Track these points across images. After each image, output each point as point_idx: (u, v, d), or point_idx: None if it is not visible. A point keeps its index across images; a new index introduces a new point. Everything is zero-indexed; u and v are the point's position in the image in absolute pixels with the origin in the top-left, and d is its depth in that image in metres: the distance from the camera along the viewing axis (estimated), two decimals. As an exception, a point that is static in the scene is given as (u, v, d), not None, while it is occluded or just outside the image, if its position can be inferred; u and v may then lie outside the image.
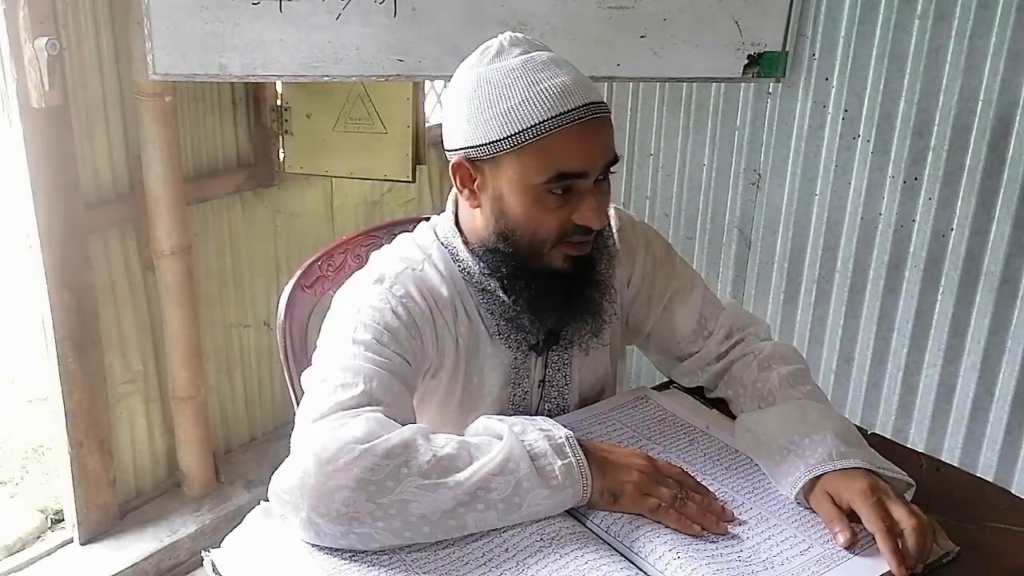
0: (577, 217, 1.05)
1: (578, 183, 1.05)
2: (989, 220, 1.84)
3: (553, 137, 1.02)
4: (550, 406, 1.21)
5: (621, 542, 0.93)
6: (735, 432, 1.15)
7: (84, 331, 2.06)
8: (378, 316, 1.05)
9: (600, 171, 1.05)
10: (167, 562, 2.21)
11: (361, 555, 0.90)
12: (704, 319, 1.25)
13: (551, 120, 1.01)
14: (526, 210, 1.06)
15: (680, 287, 1.26)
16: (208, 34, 1.76)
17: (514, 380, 1.17)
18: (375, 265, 1.14)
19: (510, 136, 1.02)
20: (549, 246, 1.08)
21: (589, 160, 1.04)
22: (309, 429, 0.94)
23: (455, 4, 1.75)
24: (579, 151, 1.03)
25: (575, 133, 1.02)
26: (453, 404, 1.16)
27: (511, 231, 1.08)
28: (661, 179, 2.34)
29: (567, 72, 1.04)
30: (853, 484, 0.97)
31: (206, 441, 2.34)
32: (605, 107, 1.06)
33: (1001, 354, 1.88)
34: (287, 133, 2.34)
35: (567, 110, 1.01)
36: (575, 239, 1.08)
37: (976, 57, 1.79)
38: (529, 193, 1.05)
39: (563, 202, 1.05)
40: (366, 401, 0.96)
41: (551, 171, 1.03)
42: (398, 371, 1.03)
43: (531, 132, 1.02)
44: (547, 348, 1.18)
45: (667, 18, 1.77)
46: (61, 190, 1.95)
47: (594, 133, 1.04)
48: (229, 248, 2.42)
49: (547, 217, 1.06)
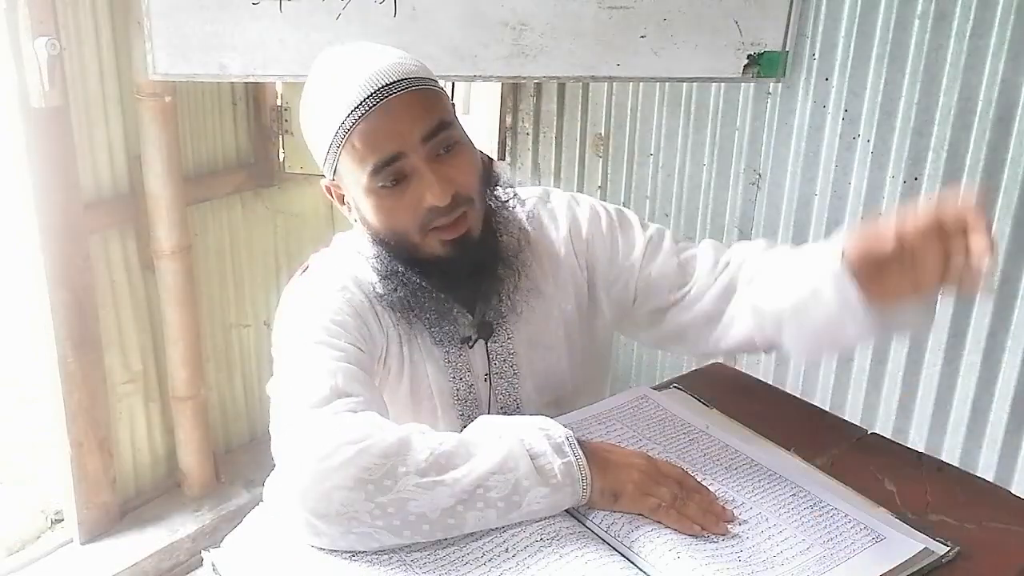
0: (422, 200, 1.04)
1: (405, 166, 1.03)
2: (989, 220, 1.84)
3: (354, 135, 1.03)
4: (502, 399, 1.20)
5: (621, 542, 0.93)
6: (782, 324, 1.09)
7: (84, 331, 2.06)
8: (323, 312, 1.06)
9: (421, 144, 1.03)
10: (167, 562, 2.21)
11: (361, 555, 0.90)
12: (683, 262, 1.21)
13: (346, 119, 1.02)
14: (374, 210, 1.07)
15: (650, 240, 1.22)
16: (208, 34, 1.76)
17: (453, 374, 1.17)
18: (311, 267, 1.17)
19: (328, 149, 1.06)
20: (416, 237, 1.07)
21: (396, 139, 1.02)
22: (292, 433, 0.94)
23: (455, 4, 1.75)
24: (382, 135, 1.02)
25: (372, 122, 1.02)
26: (402, 395, 1.17)
27: (377, 233, 1.09)
28: (661, 179, 2.33)
29: (361, 67, 1.04)
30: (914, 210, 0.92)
31: (206, 441, 2.35)
32: (408, 83, 1.03)
33: (1001, 354, 1.88)
34: (287, 133, 2.34)
35: (357, 103, 1.02)
36: (438, 223, 1.06)
37: (976, 57, 1.79)
38: (369, 194, 1.05)
39: (403, 191, 1.04)
40: (335, 395, 0.96)
41: (368, 165, 1.03)
42: (356, 360, 1.03)
43: (337, 139, 1.04)
44: (484, 340, 1.17)
45: (667, 18, 1.77)
46: (61, 190, 1.95)
47: (394, 111, 1.02)
48: (229, 248, 2.42)
49: (395, 210, 1.05)
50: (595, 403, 1.23)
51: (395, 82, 1.03)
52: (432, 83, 1.07)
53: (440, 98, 1.07)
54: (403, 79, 1.04)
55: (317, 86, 1.08)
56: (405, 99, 1.03)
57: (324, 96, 1.06)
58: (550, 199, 1.25)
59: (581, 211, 1.23)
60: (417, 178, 1.04)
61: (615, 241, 1.22)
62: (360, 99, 1.02)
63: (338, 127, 1.03)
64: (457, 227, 1.07)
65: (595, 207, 1.24)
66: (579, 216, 1.23)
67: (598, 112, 2.41)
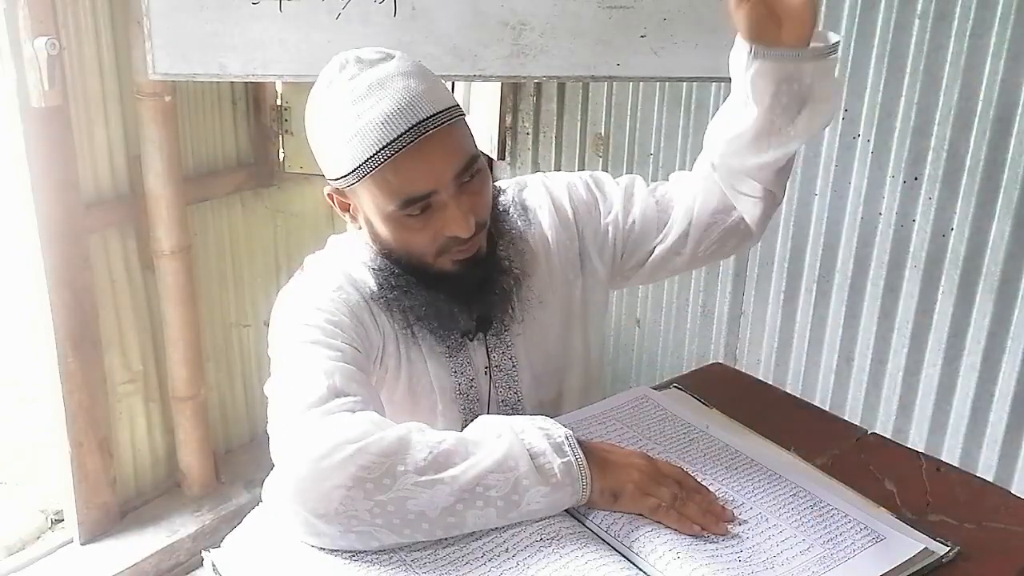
0: (445, 230, 1.05)
1: (435, 199, 1.04)
2: (989, 220, 1.84)
3: (388, 168, 1.01)
4: (502, 392, 1.21)
5: (621, 542, 0.93)
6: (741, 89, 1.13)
7: (84, 331, 2.06)
8: (318, 313, 1.07)
9: (453, 181, 1.04)
10: (167, 562, 2.21)
11: (361, 555, 0.90)
12: (660, 202, 1.26)
13: (379, 153, 1.01)
14: (392, 234, 1.07)
15: (624, 195, 1.26)
16: (208, 34, 1.76)
17: (454, 368, 1.17)
18: (307, 268, 1.17)
19: (350, 172, 1.04)
20: (430, 259, 1.08)
21: (430, 179, 1.02)
22: (290, 433, 0.94)
23: (455, 4, 1.75)
24: (417, 174, 1.02)
25: (409, 158, 1.01)
26: (401, 393, 1.17)
27: (389, 252, 1.10)
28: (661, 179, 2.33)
29: (391, 94, 1.01)
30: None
31: (206, 441, 2.35)
32: (442, 116, 1.02)
33: (1001, 354, 1.88)
34: (287, 133, 2.34)
35: (392, 139, 1.00)
36: (455, 249, 1.08)
37: (976, 57, 1.79)
38: (389, 220, 1.06)
39: (427, 220, 1.05)
40: (332, 395, 0.97)
41: (398, 199, 1.03)
42: (352, 360, 1.03)
43: (365, 168, 1.02)
44: (483, 333, 1.17)
45: (667, 18, 1.77)
46: (61, 190, 1.95)
47: (430, 151, 1.01)
48: (229, 248, 2.42)
49: (415, 237, 1.06)
50: (595, 403, 1.23)
51: (430, 117, 1.01)
52: (459, 112, 1.07)
53: (466, 129, 1.08)
54: (438, 113, 1.02)
55: (338, 103, 1.04)
56: (441, 137, 1.02)
57: (348, 118, 1.02)
58: (526, 186, 1.26)
59: (557, 188, 1.25)
60: (442, 210, 1.04)
61: (595, 204, 1.25)
62: (395, 135, 1.00)
63: (369, 157, 1.01)
64: (469, 250, 1.09)
65: (569, 179, 1.27)
66: (556, 194, 1.25)
67: (598, 112, 2.41)
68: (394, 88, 1.02)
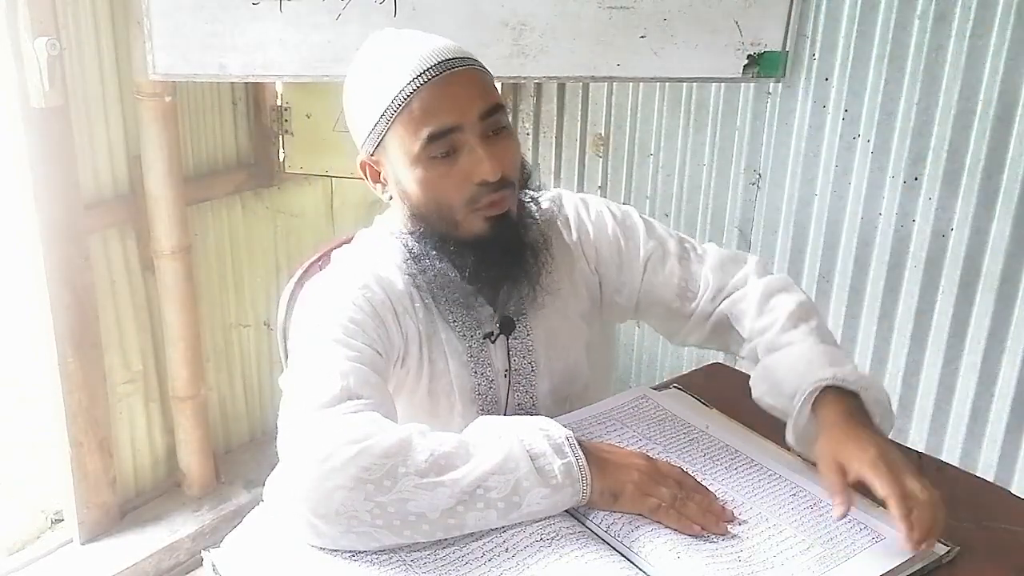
0: (473, 175, 1.05)
1: (458, 139, 1.05)
2: (989, 220, 1.84)
3: (414, 101, 1.04)
4: (519, 396, 1.21)
5: (621, 542, 0.93)
6: (753, 386, 1.15)
7: (84, 331, 2.06)
8: (342, 311, 1.07)
9: (479, 121, 1.05)
10: (167, 562, 2.21)
11: (361, 555, 0.90)
12: (685, 280, 1.24)
13: (407, 86, 1.04)
14: (421, 183, 1.07)
15: (652, 254, 1.25)
16: (208, 34, 1.76)
17: (475, 369, 1.17)
18: (334, 263, 1.18)
19: (380, 117, 1.06)
20: (460, 213, 1.08)
21: (455, 112, 1.04)
22: (298, 431, 0.94)
23: (455, 4, 1.75)
24: (442, 106, 1.04)
25: (434, 91, 1.04)
26: (421, 394, 1.17)
27: (419, 209, 1.10)
28: (661, 179, 2.33)
29: (422, 41, 1.08)
30: (864, 454, 0.96)
31: (206, 441, 2.35)
32: (468, 60, 1.07)
33: (1001, 354, 1.88)
34: (287, 133, 2.34)
35: (420, 72, 1.04)
36: (484, 200, 1.07)
37: (976, 57, 1.79)
38: (416, 165, 1.06)
39: (452, 163, 1.05)
40: (346, 396, 0.97)
41: (422, 134, 1.04)
42: (370, 362, 1.03)
43: (394, 105, 1.05)
44: (505, 336, 1.18)
45: (667, 18, 1.77)
46: (61, 190, 1.95)
47: (456, 85, 1.05)
48: (229, 248, 2.42)
49: (443, 183, 1.06)
50: (595, 403, 1.23)
51: (458, 58, 1.06)
52: (487, 70, 1.10)
53: (494, 84, 1.10)
54: (465, 57, 1.07)
55: (372, 59, 1.09)
56: (467, 75, 1.06)
57: (381, 67, 1.07)
58: (562, 202, 1.27)
59: (589, 216, 1.26)
60: (468, 152, 1.05)
61: (621, 250, 1.25)
62: (423, 68, 1.04)
63: (397, 93, 1.04)
64: (500, 204, 1.08)
65: (602, 212, 1.26)
66: (587, 221, 1.25)
67: (598, 112, 2.41)
68: (425, 39, 1.08)
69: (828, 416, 1.04)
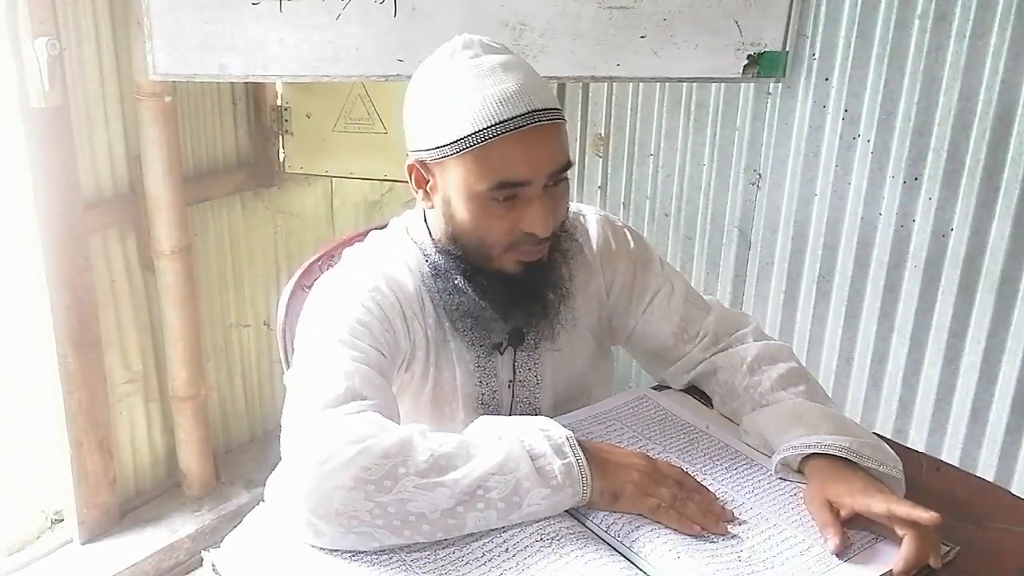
0: (524, 225, 1.05)
1: (523, 191, 1.04)
2: (989, 220, 1.84)
3: (494, 145, 1.01)
4: (522, 406, 1.21)
5: (621, 542, 0.93)
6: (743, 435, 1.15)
7: (84, 331, 2.06)
8: (350, 311, 1.06)
9: (547, 178, 1.04)
10: (167, 562, 2.21)
11: (361, 555, 0.90)
12: (686, 322, 1.25)
13: (491, 128, 1.00)
14: (472, 216, 1.06)
15: (661, 289, 1.26)
16: (208, 34, 1.76)
17: (480, 379, 1.17)
18: (344, 262, 1.17)
19: (452, 142, 1.03)
20: (498, 251, 1.08)
21: (531, 169, 1.03)
22: (300, 431, 0.95)
23: (455, 4, 1.75)
24: (520, 160, 1.02)
25: (516, 141, 1.01)
26: (425, 399, 1.17)
27: (460, 235, 1.09)
28: (661, 179, 2.33)
29: (514, 78, 1.03)
30: (852, 486, 0.97)
31: (206, 441, 2.35)
32: (554, 113, 1.04)
33: (1001, 354, 1.88)
34: (287, 133, 2.34)
35: (508, 118, 1.00)
36: (524, 247, 1.07)
37: (976, 57, 1.79)
38: (474, 200, 1.05)
39: (508, 208, 1.04)
40: (350, 397, 0.97)
41: (492, 180, 1.02)
42: (376, 364, 1.03)
43: (472, 139, 1.01)
44: (512, 348, 1.18)
45: (667, 18, 1.77)
46: (61, 190, 1.95)
47: (537, 141, 1.02)
48: (229, 248, 2.42)
49: (493, 224, 1.05)
50: (595, 403, 1.23)
51: (547, 109, 1.03)
52: (564, 118, 1.08)
53: (567, 136, 1.08)
54: (553, 109, 1.04)
55: (460, 74, 1.04)
56: (551, 131, 1.04)
57: (463, 92, 1.02)
58: (585, 216, 1.27)
59: (611, 237, 1.26)
60: (526, 203, 1.04)
61: (632, 281, 1.26)
62: (511, 115, 1.00)
63: (478, 131, 1.01)
64: (535, 254, 1.09)
65: (624, 237, 1.27)
66: (610, 241, 1.26)
67: (598, 112, 2.41)
68: (517, 74, 1.03)
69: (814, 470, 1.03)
